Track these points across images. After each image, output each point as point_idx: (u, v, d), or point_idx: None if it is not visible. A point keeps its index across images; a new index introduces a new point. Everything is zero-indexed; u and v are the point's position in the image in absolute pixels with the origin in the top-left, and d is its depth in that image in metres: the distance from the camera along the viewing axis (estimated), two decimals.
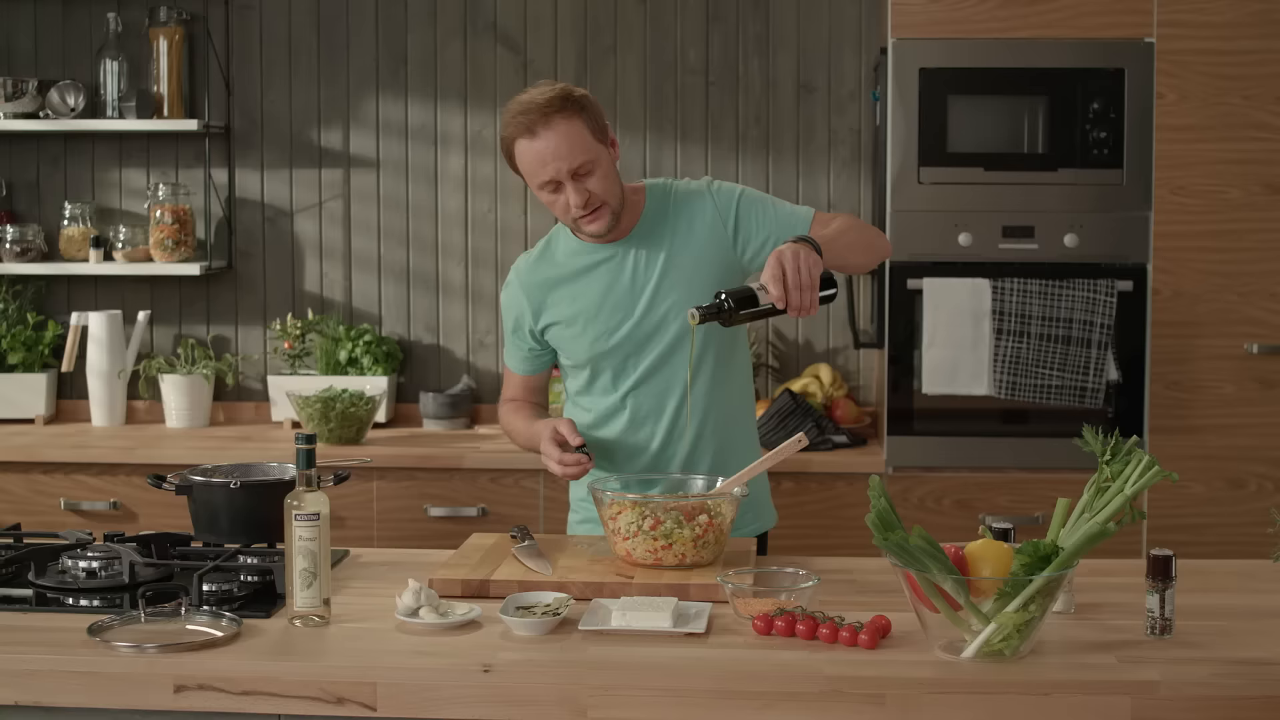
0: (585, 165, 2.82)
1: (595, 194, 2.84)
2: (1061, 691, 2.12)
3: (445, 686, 2.16)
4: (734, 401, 3.04)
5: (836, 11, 4.61)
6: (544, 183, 2.84)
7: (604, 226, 2.89)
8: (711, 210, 2.96)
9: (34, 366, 4.71)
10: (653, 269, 2.95)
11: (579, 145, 2.81)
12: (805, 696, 2.14)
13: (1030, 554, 2.19)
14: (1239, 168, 4.02)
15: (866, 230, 2.98)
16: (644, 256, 2.96)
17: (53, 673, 2.22)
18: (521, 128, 2.81)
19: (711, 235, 2.95)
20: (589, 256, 2.99)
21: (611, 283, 2.97)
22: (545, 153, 2.80)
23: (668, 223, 2.97)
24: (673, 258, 2.95)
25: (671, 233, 2.96)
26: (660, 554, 2.60)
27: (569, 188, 2.82)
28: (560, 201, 2.86)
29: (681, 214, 2.97)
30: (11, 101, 4.58)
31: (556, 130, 2.79)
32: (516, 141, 2.83)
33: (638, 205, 2.99)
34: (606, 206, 2.87)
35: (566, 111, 2.81)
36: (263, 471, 2.89)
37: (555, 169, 2.81)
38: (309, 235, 4.78)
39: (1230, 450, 4.08)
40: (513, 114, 2.83)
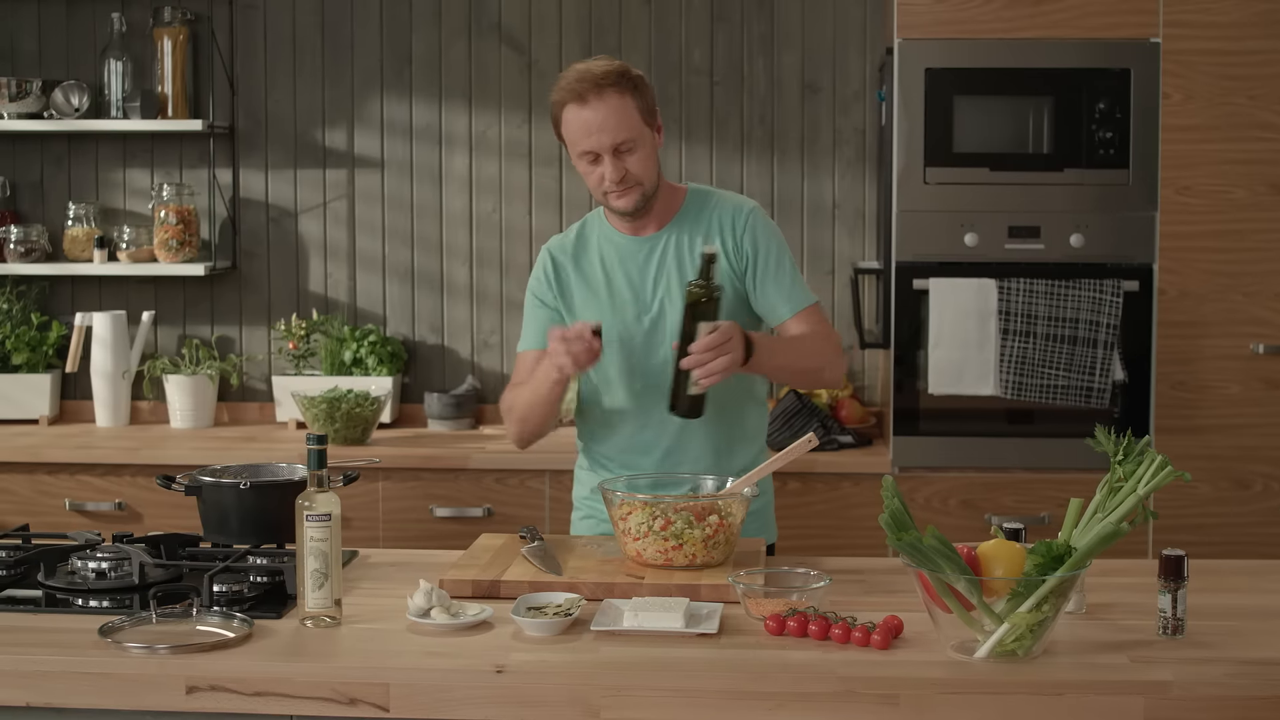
0: (627, 143, 2.87)
1: (632, 173, 2.89)
2: (1074, 692, 2.12)
3: (458, 687, 2.15)
4: (740, 397, 3.03)
5: (841, 12, 4.61)
6: (584, 152, 2.89)
7: (631, 204, 2.92)
8: (736, 231, 2.99)
9: (38, 367, 4.70)
10: (675, 268, 2.97)
11: (625, 121, 2.86)
12: (819, 697, 2.14)
13: (1043, 554, 2.19)
14: (1244, 168, 4.02)
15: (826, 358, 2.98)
16: (670, 253, 2.99)
17: (64, 674, 2.22)
18: (573, 94, 2.86)
19: (733, 254, 2.98)
20: (618, 243, 3.02)
21: (632, 272, 2.99)
22: (592, 123, 2.85)
23: (700, 226, 3.00)
24: (691, 265, 2.97)
25: (702, 238, 2.98)
26: (671, 554, 2.60)
27: (608, 161, 2.87)
28: (596, 173, 2.90)
29: (715, 222, 3.00)
30: (16, 101, 4.58)
31: (607, 102, 2.85)
32: (566, 106, 2.88)
33: (675, 202, 3.03)
34: (640, 187, 2.91)
35: (620, 86, 2.86)
36: (271, 472, 2.89)
37: (598, 140, 2.86)
38: (313, 235, 4.77)
39: (1236, 450, 4.08)
40: (568, 80, 2.88)
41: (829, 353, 2.99)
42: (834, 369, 3.01)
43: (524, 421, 3.03)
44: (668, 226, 3.01)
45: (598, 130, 2.85)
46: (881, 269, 4.35)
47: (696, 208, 3.02)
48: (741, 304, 2.99)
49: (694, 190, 3.07)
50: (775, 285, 2.98)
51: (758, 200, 4.59)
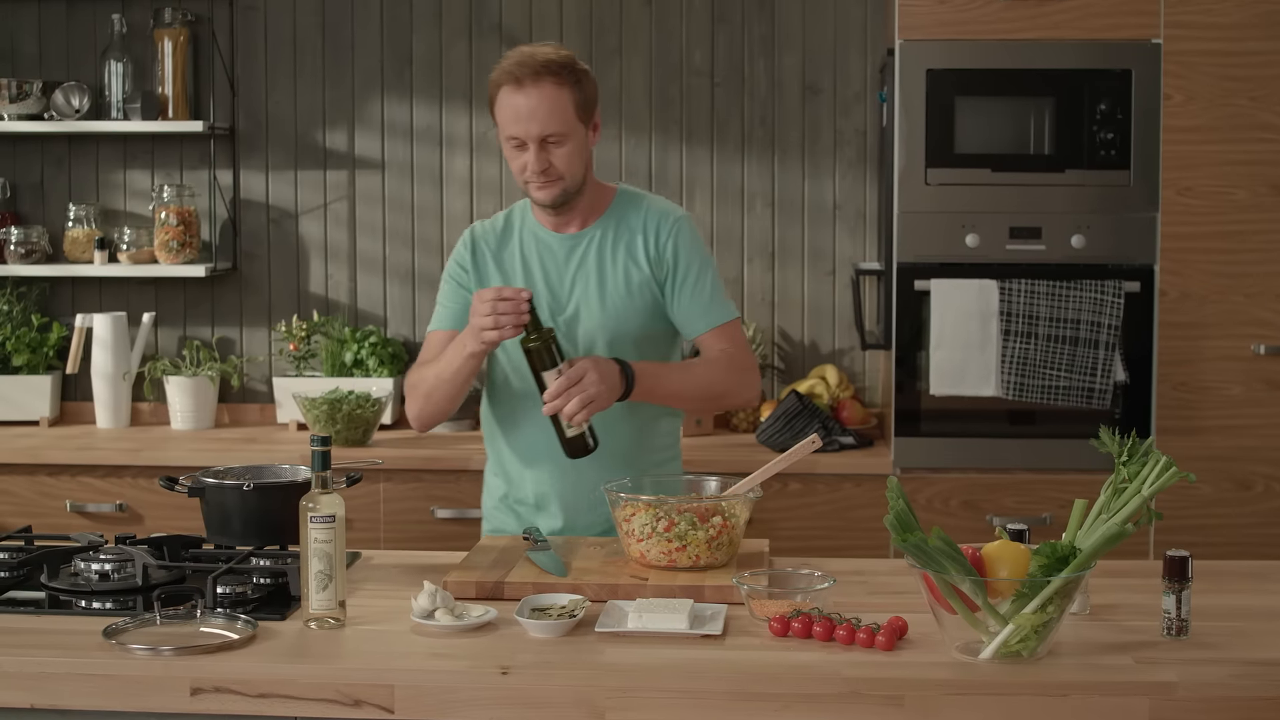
0: (556, 135, 2.82)
1: (555, 166, 2.85)
2: (1079, 693, 2.12)
3: (463, 688, 2.15)
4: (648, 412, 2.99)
5: (842, 13, 4.61)
6: (511, 137, 2.85)
7: (551, 198, 2.88)
8: (657, 239, 2.95)
9: (38, 368, 4.70)
10: (594, 271, 2.95)
11: (558, 113, 2.82)
12: (824, 698, 2.14)
13: (1048, 555, 2.19)
14: (1246, 169, 4.02)
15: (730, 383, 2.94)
16: (592, 253, 2.96)
17: (68, 675, 2.21)
18: (511, 76, 2.82)
19: (646, 262, 2.95)
20: (540, 238, 2.99)
21: (551, 271, 2.97)
22: (523, 109, 2.81)
23: (622, 230, 2.96)
24: (611, 266, 2.94)
25: (621, 241, 2.95)
26: (674, 556, 2.60)
27: (533, 150, 2.83)
28: (520, 160, 2.86)
29: (636, 225, 2.96)
30: (16, 103, 4.58)
31: (542, 91, 2.81)
32: (502, 88, 2.84)
33: (602, 201, 2.99)
34: (561, 182, 2.87)
35: (560, 77, 2.82)
36: (274, 474, 2.88)
37: (526, 128, 2.81)
38: (314, 237, 4.77)
39: (1237, 451, 4.08)
40: (510, 61, 2.85)
41: (734, 376, 2.94)
42: (741, 393, 2.97)
43: (428, 398, 2.95)
44: (592, 226, 2.97)
45: (527, 118, 2.81)
46: (883, 270, 4.35)
47: (623, 209, 2.99)
48: (659, 315, 2.97)
49: (623, 191, 3.03)
50: (693, 298, 2.94)
51: (760, 199, 4.63)
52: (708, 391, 2.95)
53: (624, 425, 2.93)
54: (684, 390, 2.93)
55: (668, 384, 2.88)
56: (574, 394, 2.70)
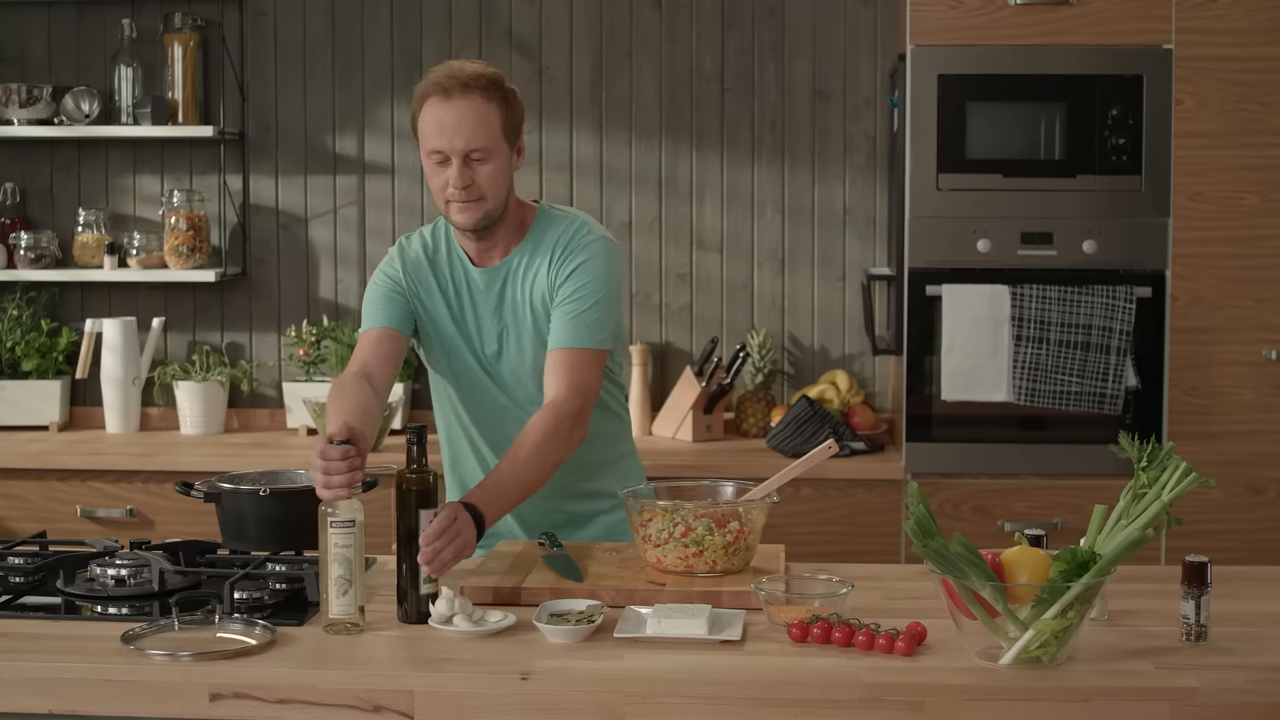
0: (480, 151, 2.74)
1: (478, 184, 2.75)
2: (1100, 698, 2.12)
3: (484, 694, 2.15)
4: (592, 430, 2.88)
5: (851, 18, 4.61)
6: (433, 150, 2.75)
7: (472, 221, 2.78)
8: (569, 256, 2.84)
9: (48, 373, 4.70)
10: (513, 305, 2.87)
11: (483, 128, 2.73)
12: (844, 704, 2.13)
13: (1069, 561, 2.19)
14: (1257, 174, 4.02)
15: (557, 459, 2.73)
16: (513, 284, 2.87)
17: (87, 681, 2.21)
18: (437, 87, 2.73)
19: (553, 275, 2.85)
20: (466, 271, 2.91)
21: (478, 304, 2.90)
22: (447, 121, 2.72)
23: (538, 255, 2.86)
24: (528, 297, 2.86)
25: (538, 267, 2.86)
26: (692, 561, 2.59)
27: (455, 166, 2.73)
28: (441, 177, 2.76)
29: (548, 246, 2.86)
30: (26, 108, 4.58)
31: (470, 104, 2.72)
32: (428, 99, 2.74)
33: (522, 226, 2.89)
34: (484, 203, 2.77)
35: (488, 93, 2.74)
36: (290, 479, 2.88)
37: (450, 141, 2.72)
38: (324, 241, 4.77)
39: (1249, 456, 4.08)
40: (438, 73, 2.76)
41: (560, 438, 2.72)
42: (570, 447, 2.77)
43: None
44: (513, 252, 2.87)
45: (452, 130, 2.71)
46: (893, 275, 4.35)
47: (541, 231, 2.88)
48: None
49: (543, 211, 2.92)
50: (562, 311, 2.82)
51: (770, 205, 4.62)
52: (544, 474, 2.73)
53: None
54: (525, 491, 2.72)
55: (509, 498, 2.68)
56: (452, 535, 2.44)
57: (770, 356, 4.59)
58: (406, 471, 2.48)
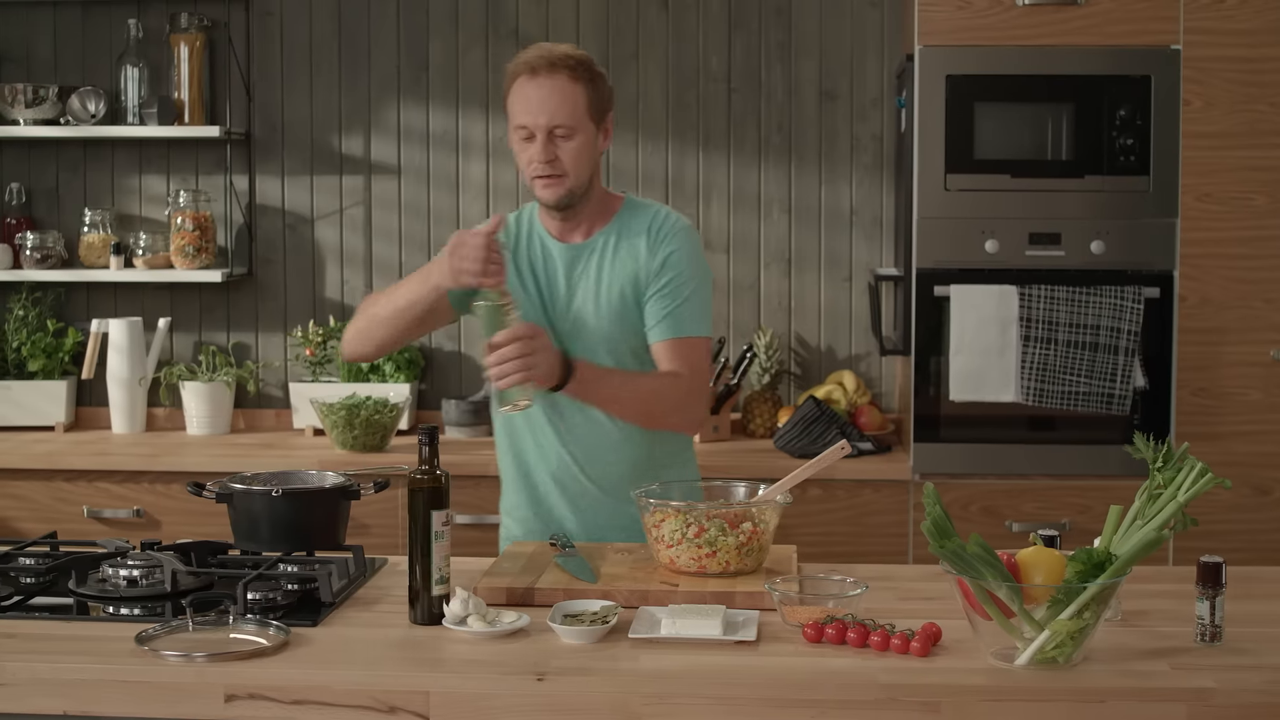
0: (565, 128, 2.81)
1: (562, 160, 2.82)
2: (1116, 698, 2.12)
3: (500, 695, 2.15)
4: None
5: (858, 19, 4.61)
6: (520, 125, 2.83)
7: (555, 196, 2.85)
8: (662, 243, 2.90)
9: (54, 374, 4.70)
10: (595, 281, 2.91)
11: (568, 106, 2.80)
12: (860, 705, 2.13)
13: (1084, 561, 2.19)
14: (1265, 174, 4.02)
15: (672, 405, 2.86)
16: (594, 262, 2.92)
17: (101, 682, 2.21)
18: (526, 66, 2.82)
19: (645, 262, 2.91)
20: (547, 245, 2.96)
21: (556, 278, 2.94)
22: (534, 98, 2.80)
23: (626, 239, 2.92)
24: (613, 276, 2.91)
25: (625, 250, 2.91)
26: (704, 561, 2.59)
27: (540, 141, 2.81)
28: (527, 153, 2.84)
29: (639, 233, 2.92)
30: (32, 108, 4.58)
31: (557, 83, 2.80)
32: (518, 77, 2.83)
33: (608, 211, 2.96)
34: (566, 180, 2.84)
35: (576, 73, 2.82)
36: (301, 480, 2.87)
37: (535, 118, 2.80)
38: (330, 242, 4.77)
39: (1256, 457, 4.08)
40: (528, 54, 2.84)
41: (677, 399, 2.87)
42: (681, 416, 2.89)
43: (371, 321, 2.93)
44: (596, 235, 2.94)
45: (538, 107, 2.79)
46: (901, 276, 4.35)
47: (628, 218, 2.95)
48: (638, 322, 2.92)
49: (630, 200, 2.99)
50: (665, 302, 2.88)
51: (776, 205, 4.62)
52: (645, 408, 2.86)
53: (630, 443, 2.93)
54: (620, 399, 2.84)
55: (605, 388, 2.81)
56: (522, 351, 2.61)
57: (777, 357, 4.59)
58: (417, 472, 2.47)
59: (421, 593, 2.42)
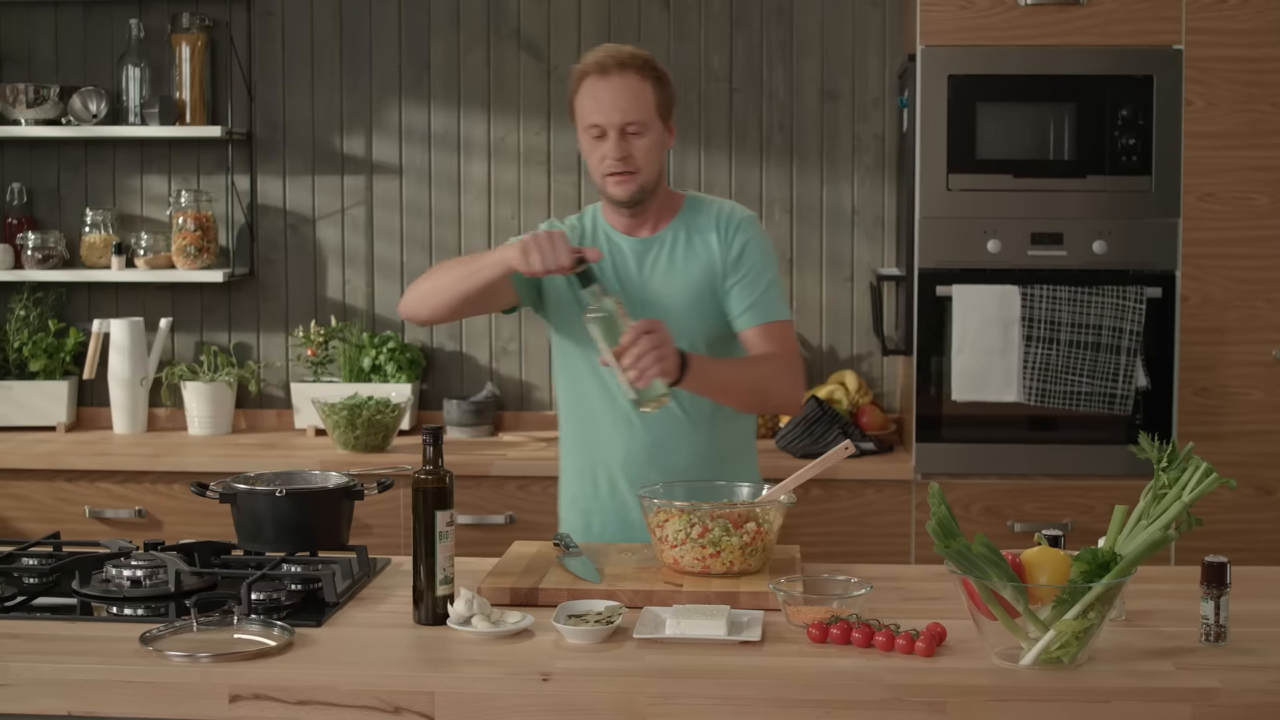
0: (636, 125, 2.86)
1: (635, 156, 2.87)
2: (1122, 698, 2.12)
3: (505, 695, 2.15)
4: (726, 411, 2.99)
5: (860, 18, 4.60)
6: (592, 125, 2.87)
7: (628, 193, 2.89)
8: (727, 237, 2.95)
9: (55, 374, 4.70)
10: (666, 273, 2.95)
11: (639, 103, 2.85)
12: (866, 705, 2.13)
13: (1090, 561, 2.19)
14: (1267, 174, 4.02)
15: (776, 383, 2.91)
16: (664, 255, 2.96)
17: (105, 683, 2.21)
18: (596, 66, 2.87)
19: (720, 254, 2.95)
20: (614, 240, 2.99)
21: (626, 272, 2.96)
22: (604, 97, 2.85)
23: (695, 232, 2.97)
24: (686, 268, 2.94)
25: (695, 243, 2.96)
26: (708, 562, 2.59)
27: (612, 138, 2.85)
28: (599, 151, 2.88)
29: (709, 227, 2.97)
30: (33, 108, 4.57)
31: (627, 81, 2.85)
32: (587, 77, 2.88)
33: (672, 209, 3.00)
34: (638, 176, 2.88)
35: (644, 72, 2.87)
36: (305, 480, 2.87)
37: (608, 116, 2.85)
38: (331, 242, 4.77)
39: (1258, 457, 4.08)
40: (595, 54, 2.89)
41: (780, 378, 2.92)
42: (786, 395, 2.94)
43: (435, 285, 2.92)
44: (664, 229, 2.98)
45: (609, 105, 2.84)
46: (903, 275, 4.35)
47: (693, 212, 3.00)
48: (722, 317, 2.95)
49: (692, 196, 3.04)
50: (748, 291, 2.94)
51: (778, 205, 4.62)
52: (753, 388, 2.92)
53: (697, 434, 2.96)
54: (731, 384, 2.90)
55: (717, 376, 2.86)
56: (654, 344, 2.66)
57: None
58: (422, 472, 2.47)
59: (426, 593, 2.42)
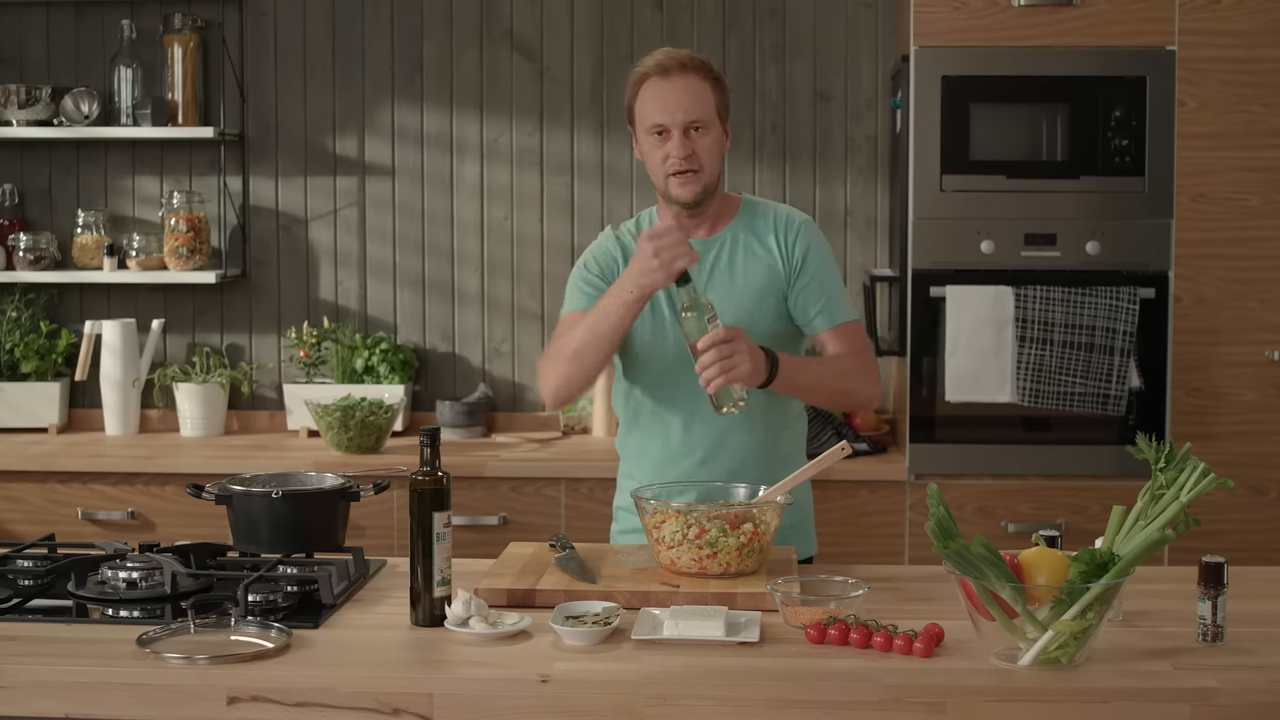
0: (700, 123, 2.87)
1: (699, 154, 2.87)
2: (1120, 699, 2.12)
3: (504, 697, 2.14)
4: (777, 415, 3.01)
5: (853, 20, 4.61)
6: (655, 124, 2.87)
7: (692, 193, 2.89)
8: (790, 242, 2.97)
9: (47, 375, 4.68)
10: (726, 274, 2.95)
11: (702, 103, 2.87)
12: (865, 705, 2.13)
13: (1088, 562, 2.19)
14: (1260, 175, 4.03)
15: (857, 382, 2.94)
16: (724, 256, 2.97)
17: (103, 684, 2.20)
18: (658, 67, 2.88)
19: (781, 265, 2.96)
20: None
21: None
22: (668, 97, 2.86)
23: (754, 235, 2.98)
24: (745, 270, 2.95)
25: (754, 246, 2.96)
26: (705, 563, 2.59)
27: (676, 137, 2.86)
28: (662, 151, 2.88)
29: (768, 231, 2.98)
30: (25, 109, 4.56)
31: (688, 82, 2.87)
32: (649, 78, 2.88)
33: (729, 210, 3.01)
34: (701, 175, 2.89)
35: (704, 73, 2.89)
36: (301, 481, 2.86)
37: (672, 115, 2.85)
38: (324, 243, 4.76)
39: (1251, 457, 4.09)
40: (654, 57, 2.90)
41: (860, 376, 2.96)
42: (866, 391, 2.97)
43: (577, 358, 2.87)
44: (722, 231, 2.99)
45: (674, 105, 2.85)
46: (896, 276, 4.35)
47: (750, 215, 3.01)
48: (787, 314, 2.97)
49: (748, 200, 3.05)
50: (816, 295, 2.96)
51: None
52: (837, 387, 2.95)
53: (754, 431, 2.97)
54: (817, 384, 2.93)
55: (805, 376, 2.89)
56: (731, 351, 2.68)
57: None
58: (419, 474, 2.47)
59: (423, 594, 2.42)
